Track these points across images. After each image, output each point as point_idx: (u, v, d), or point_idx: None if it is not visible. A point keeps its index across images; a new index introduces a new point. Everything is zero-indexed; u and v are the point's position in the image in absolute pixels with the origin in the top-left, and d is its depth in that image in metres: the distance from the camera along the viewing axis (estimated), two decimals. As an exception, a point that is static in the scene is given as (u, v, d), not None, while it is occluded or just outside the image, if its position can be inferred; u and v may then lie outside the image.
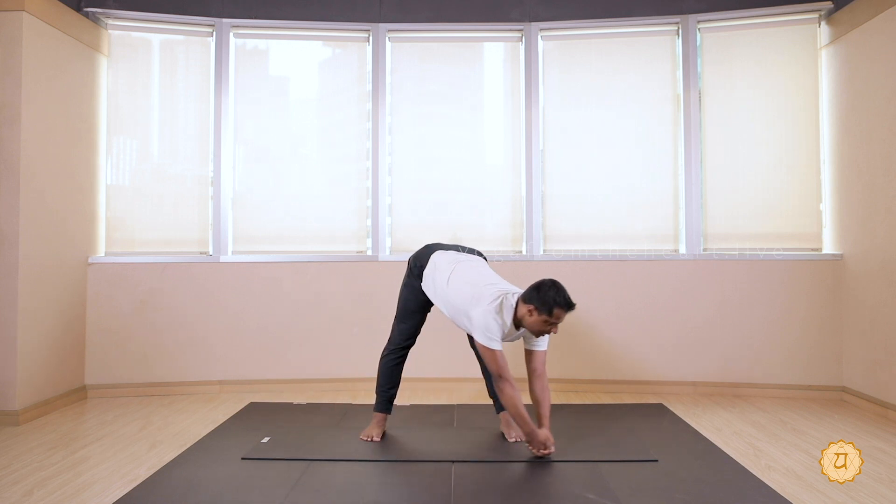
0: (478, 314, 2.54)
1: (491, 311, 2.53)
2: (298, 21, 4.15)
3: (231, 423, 3.20)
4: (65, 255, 3.65)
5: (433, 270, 2.76)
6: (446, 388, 4.01)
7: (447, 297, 2.67)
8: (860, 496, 2.27)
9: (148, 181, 4.08)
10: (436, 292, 2.73)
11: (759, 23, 3.98)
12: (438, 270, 2.73)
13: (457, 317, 2.70)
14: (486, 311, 2.53)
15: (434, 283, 2.74)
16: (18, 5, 3.26)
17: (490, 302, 2.55)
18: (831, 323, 3.79)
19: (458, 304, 2.63)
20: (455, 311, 2.67)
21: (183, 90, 4.13)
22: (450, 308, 2.70)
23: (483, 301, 2.55)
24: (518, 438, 2.85)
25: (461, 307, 2.62)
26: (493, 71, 4.32)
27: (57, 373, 3.57)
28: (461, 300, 2.61)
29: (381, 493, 2.30)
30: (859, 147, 3.57)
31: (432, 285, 2.75)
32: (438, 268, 2.74)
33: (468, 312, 2.58)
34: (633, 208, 4.10)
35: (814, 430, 3.11)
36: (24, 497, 2.26)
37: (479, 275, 2.69)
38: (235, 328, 4.02)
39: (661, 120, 4.10)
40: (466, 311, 2.59)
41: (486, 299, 2.56)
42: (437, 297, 2.74)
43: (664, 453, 2.69)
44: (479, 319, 2.53)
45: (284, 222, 4.17)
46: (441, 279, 2.70)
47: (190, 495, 2.27)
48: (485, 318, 2.53)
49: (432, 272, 2.76)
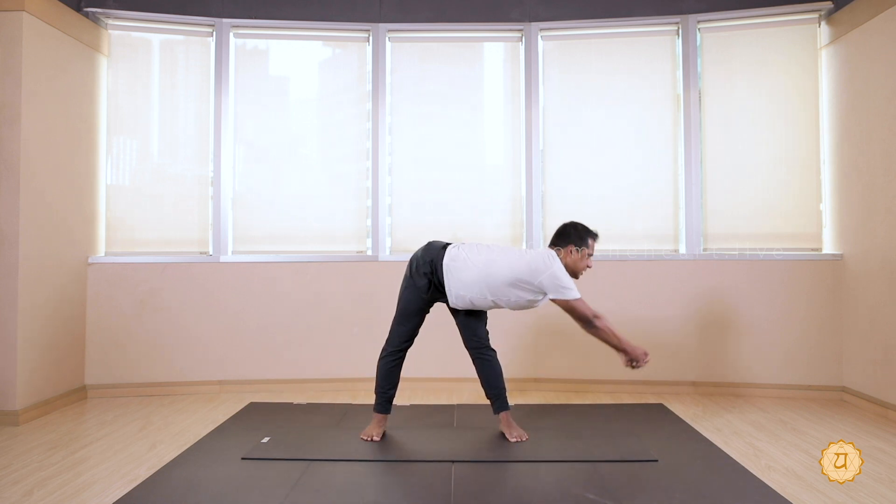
0: (551, 274, 2.67)
1: (561, 266, 2.71)
2: (298, 21, 4.15)
3: (231, 423, 3.20)
4: (65, 255, 3.65)
5: (459, 262, 2.75)
6: (446, 388, 4.01)
7: (493, 276, 2.71)
8: (860, 496, 2.27)
9: (148, 181, 4.08)
10: (474, 279, 2.72)
11: (759, 23, 3.98)
12: (469, 258, 2.75)
13: (504, 292, 2.72)
14: (559, 268, 2.70)
15: (468, 271, 2.73)
16: (18, 5, 3.26)
17: (553, 258, 2.72)
18: (831, 323, 3.79)
19: (515, 275, 2.69)
20: (504, 286, 2.71)
21: (183, 90, 4.13)
22: (496, 286, 2.71)
23: (546, 261, 2.70)
24: (518, 438, 2.85)
25: (522, 277, 2.69)
26: (493, 71, 4.32)
27: (57, 373, 3.57)
28: (520, 270, 2.69)
29: (381, 493, 2.30)
30: (859, 147, 3.57)
31: (464, 275, 2.73)
32: (467, 256, 2.76)
33: (537, 277, 2.67)
34: (633, 208, 4.10)
35: (814, 430, 3.11)
36: (24, 497, 2.26)
37: (508, 249, 2.83)
38: (235, 328, 4.02)
39: (662, 120, 4.10)
40: (532, 278, 2.68)
41: (547, 259, 2.71)
42: (475, 283, 2.72)
43: (664, 453, 2.70)
44: (560, 277, 2.67)
45: (284, 222, 4.17)
46: (479, 262, 2.73)
47: (190, 495, 2.27)
48: (561, 273, 2.69)
49: (458, 263, 2.75)
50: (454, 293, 2.77)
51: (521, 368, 4.03)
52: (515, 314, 4.00)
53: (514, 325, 3.99)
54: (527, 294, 2.74)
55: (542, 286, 2.70)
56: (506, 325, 3.80)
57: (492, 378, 2.91)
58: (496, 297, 2.75)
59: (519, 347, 4.03)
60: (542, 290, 2.72)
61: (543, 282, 2.69)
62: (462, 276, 2.74)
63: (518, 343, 4.03)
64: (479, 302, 2.78)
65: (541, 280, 2.69)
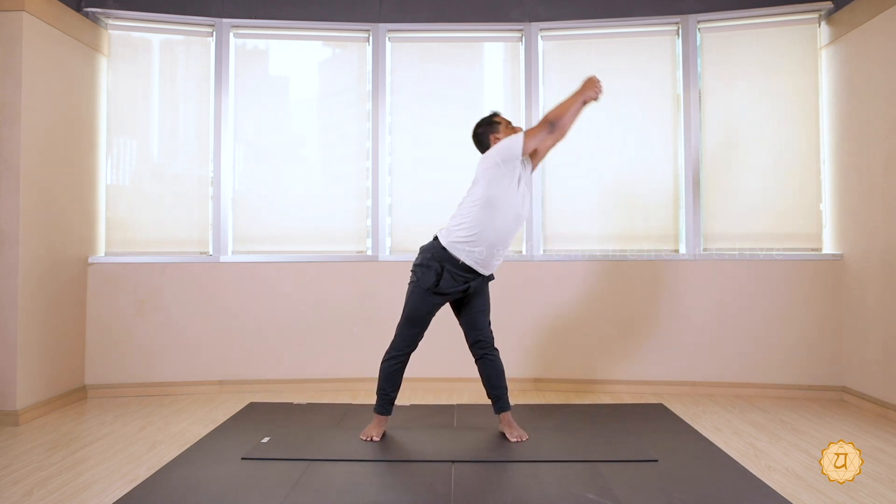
0: (495, 147, 2.78)
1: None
2: (298, 21, 4.15)
3: (231, 423, 3.20)
4: (65, 255, 3.65)
5: (456, 221, 2.82)
6: (446, 388, 4.01)
7: (475, 195, 2.78)
8: (860, 496, 2.27)
9: (148, 181, 4.08)
10: (477, 215, 2.75)
11: (759, 23, 3.98)
12: (461, 211, 2.83)
13: (502, 191, 2.76)
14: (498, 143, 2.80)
15: (468, 216, 2.78)
16: (18, 5, 3.26)
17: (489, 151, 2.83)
18: (831, 323, 3.79)
19: (487, 176, 2.75)
20: (491, 188, 2.75)
21: (183, 90, 4.13)
22: (491, 196, 2.75)
23: (487, 153, 2.82)
24: (518, 438, 2.85)
25: (488, 168, 2.76)
26: (493, 71, 4.31)
27: (57, 373, 3.57)
28: (482, 172, 2.78)
29: (381, 493, 2.30)
30: (859, 147, 3.57)
31: (467, 220, 2.78)
32: (457, 213, 2.84)
33: (491, 157, 2.76)
34: (633, 208, 4.10)
35: (814, 430, 3.11)
36: (24, 497, 2.26)
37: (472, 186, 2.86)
38: (235, 328, 4.02)
39: (661, 120, 4.10)
40: (490, 160, 2.76)
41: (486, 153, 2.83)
42: (482, 215, 2.75)
43: (664, 453, 2.69)
44: (501, 142, 2.77)
45: (284, 222, 4.16)
46: (468, 203, 2.80)
47: (190, 495, 2.27)
48: (500, 142, 2.78)
49: (456, 220, 2.82)
50: (485, 241, 2.74)
51: (521, 369, 4.02)
52: (515, 314, 4.00)
53: (514, 325, 3.99)
54: (509, 174, 2.73)
55: (500, 156, 2.73)
56: (506, 325, 3.80)
57: (494, 378, 2.91)
58: (499, 197, 2.75)
59: (519, 348, 4.03)
60: (505, 158, 2.72)
61: (496, 152, 2.75)
62: (466, 222, 2.76)
63: (518, 343, 4.02)
64: (505, 227, 2.76)
65: (494, 154, 2.75)
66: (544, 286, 4.05)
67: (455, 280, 2.77)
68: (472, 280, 2.80)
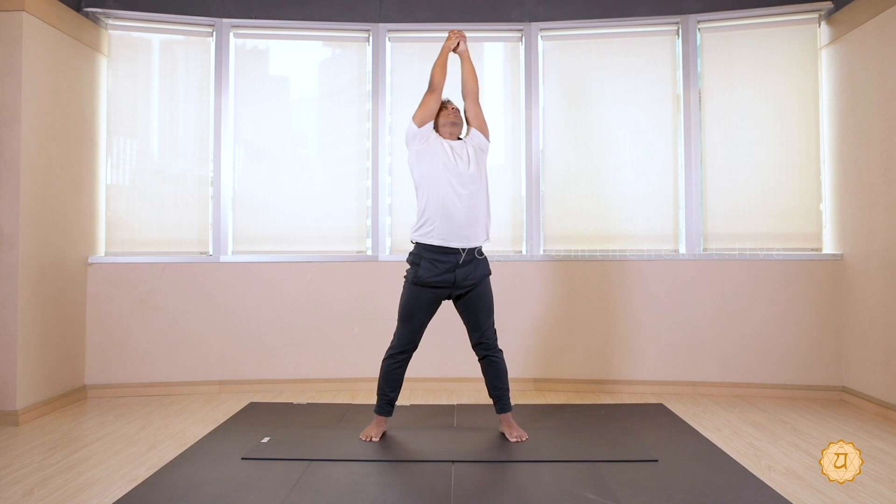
0: (405, 131, 2.98)
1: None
2: (298, 21, 4.15)
3: (231, 423, 3.20)
4: (65, 255, 3.65)
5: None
6: (446, 388, 4.01)
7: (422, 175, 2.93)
8: (860, 496, 2.28)
9: (148, 181, 4.08)
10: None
11: (759, 23, 3.98)
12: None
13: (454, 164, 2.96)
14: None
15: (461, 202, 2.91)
16: (18, 5, 3.26)
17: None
18: (831, 323, 3.79)
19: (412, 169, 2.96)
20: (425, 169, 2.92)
21: (183, 90, 4.13)
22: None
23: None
24: (518, 438, 2.85)
25: (413, 168, 2.96)
26: (493, 71, 4.31)
27: (57, 373, 3.57)
28: (411, 161, 2.98)
29: (381, 493, 2.30)
30: (859, 147, 3.57)
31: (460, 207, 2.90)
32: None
33: (411, 142, 2.95)
34: (633, 208, 4.10)
35: (814, 430, 3.11)
36: (24, 497, 2.26)
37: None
38: (235, 328, 4.02)
39: (661, 120, 4.10)
40: (410, 159, 2.96)
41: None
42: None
43: (664, 453, 2.70)
44: (407, 128, 2.96)
45: (284, 222, 4.16)
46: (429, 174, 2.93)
47: (190, 495, 2.27)
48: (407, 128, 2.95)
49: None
50: (436, 217, 2.83)
51: (521, 369, 4.02)
52: (515, 315, 4.00)
53: (514, 326, 3.99)
54: (424, 152, 2.92)
55: (406, 141, 2.96)
56: (506, 326, 3.80)
57: (495, 379, 2.91)
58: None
59: (519, 349, 4.03)
60: (407, 141, 2.95)
61: (410, 134, 2.92)
62: (417, 211, 2.91)
63: (518, 344, 4.02)
64: (447, 199, 2.87)
65: (411, 138, 2.92)
66: (544, 286, 4.05)
67: (436, 266, 2.79)
68: (454, 265, 2.81)
